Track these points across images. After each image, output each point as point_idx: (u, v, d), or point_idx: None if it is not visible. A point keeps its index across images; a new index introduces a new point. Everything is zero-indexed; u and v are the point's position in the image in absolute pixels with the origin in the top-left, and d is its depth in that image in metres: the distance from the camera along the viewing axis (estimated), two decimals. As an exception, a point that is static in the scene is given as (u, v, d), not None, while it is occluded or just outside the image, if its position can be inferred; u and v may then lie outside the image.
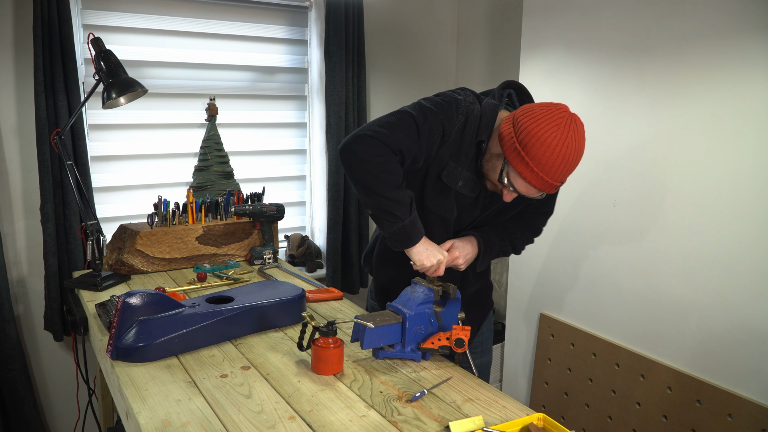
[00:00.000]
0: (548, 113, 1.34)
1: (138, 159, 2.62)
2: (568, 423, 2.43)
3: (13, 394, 2.31)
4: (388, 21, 3.06)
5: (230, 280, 2.08)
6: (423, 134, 1.41)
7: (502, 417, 1.23)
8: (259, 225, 2.35)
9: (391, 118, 1.42)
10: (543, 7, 2.40)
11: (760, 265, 1.77)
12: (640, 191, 2.08)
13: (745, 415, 1.82)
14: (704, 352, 1.94)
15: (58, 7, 2.18)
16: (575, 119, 1.35)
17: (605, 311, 2.27)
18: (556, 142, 1.31)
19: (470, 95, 1.49)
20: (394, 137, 1.39)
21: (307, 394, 1.30)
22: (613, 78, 2.14)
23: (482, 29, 3.13)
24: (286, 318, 1.69)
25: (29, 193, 2.36)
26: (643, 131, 2.06)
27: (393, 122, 1.41)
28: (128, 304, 1.44)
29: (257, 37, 2.80)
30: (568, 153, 1.32)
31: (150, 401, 1.25)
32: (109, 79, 1.97)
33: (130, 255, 2.12)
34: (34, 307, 2.44)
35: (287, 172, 3.01)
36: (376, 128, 1.40)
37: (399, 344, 1.45)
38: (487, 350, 1.83)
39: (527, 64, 2.49)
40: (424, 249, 1.46)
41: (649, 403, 2.12)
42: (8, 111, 2.30)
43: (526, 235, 1.69)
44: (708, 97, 1.85)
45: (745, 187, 1.78)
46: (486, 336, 1.83)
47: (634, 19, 2.05)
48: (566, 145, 1.32)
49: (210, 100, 2.69)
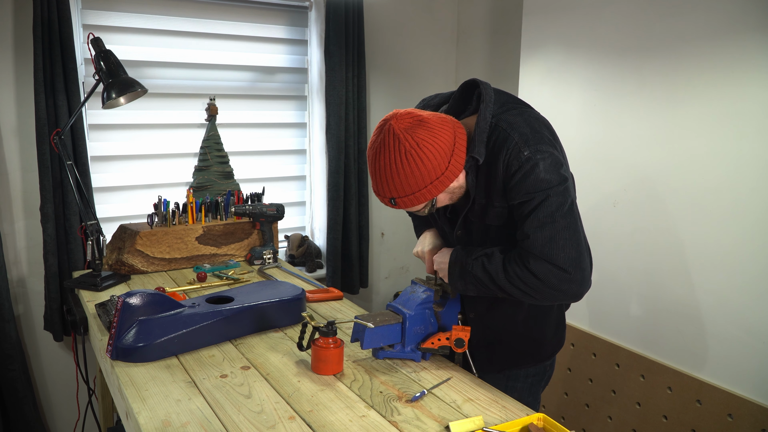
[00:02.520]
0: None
1: (138, 159, 2.62)
2: (568, 423, 2.43)
3: (13, 394, 2.31)
4: (388, 21, 3.06)
5: (230, 280, 2.08)
6: None
7: (502, 417, 1.23)
8: (259, 225, 2.35)
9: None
10: (543, 7, 2.40)
11: (759, 265, 1.77)
12: (640, 191, 2.08)
13: (745, 415, 1.82)
14: (704, 352, 1.94)
15: (58, 7, 2.18)
16: (386, 131, 1.23)
17: (605, 311, 2.27)
18: (369, 146, 1.29)
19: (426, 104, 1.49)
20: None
21: (307, 394, 1.30)
22: (613, 78, 2.14)
23: (482, 29, 3.13)
24: (286, 318, 1.69)
25: (29, 193, 2.36)
26: (643, 131, 2.06)
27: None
28: (128, 304, 1.44)
29: (257, 37, 2.80)
30: (372, 165, 1.27)
31: (150, 401, 1.25)
32: (109, 79, 1.97)
33: (130, 255, 2.12)
34: (34, 307, 2.44)
35: (287, 172, 3.00)
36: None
37: (399, 344, 1.45)
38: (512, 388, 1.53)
39: (527, 64, 2.49)
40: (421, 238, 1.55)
41: (649, 403, 2.12)
42: (8, 111, 2.30)
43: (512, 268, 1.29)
44: (708, 97, 1.85)
45: (745, 187, 1.78)
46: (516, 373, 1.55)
47: (634, 19, 2.05)
48: (369, 152, 1.28)
49: (210, 100, 2.69)
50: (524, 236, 1.27)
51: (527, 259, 1.26)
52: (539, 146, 1.27)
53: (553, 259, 1.24)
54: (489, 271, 1.31)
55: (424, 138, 1.22)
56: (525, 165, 1.25)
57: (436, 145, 1.23)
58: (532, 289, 1.28)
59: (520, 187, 1.26)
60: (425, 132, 1.22)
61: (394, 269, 3.34)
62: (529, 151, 1.26)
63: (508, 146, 1.27)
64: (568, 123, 2.31)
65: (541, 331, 1.52)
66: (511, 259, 1.29)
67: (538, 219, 1.25)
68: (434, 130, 1.23)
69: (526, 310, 1.47)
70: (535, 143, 1.27)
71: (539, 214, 1.25)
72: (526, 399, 1.54)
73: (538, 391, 1.60)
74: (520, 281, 1.28)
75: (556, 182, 1.26)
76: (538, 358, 1.54)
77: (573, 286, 1.27)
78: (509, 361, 1.53)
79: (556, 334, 1.56)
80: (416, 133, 1.22)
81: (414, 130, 1.22)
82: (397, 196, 1.26)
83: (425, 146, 1.22)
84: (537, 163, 1.25)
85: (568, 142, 2.30)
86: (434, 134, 1.23)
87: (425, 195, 1.26)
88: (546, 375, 1.60)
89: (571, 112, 2.31)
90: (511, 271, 1.28)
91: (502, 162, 1.27)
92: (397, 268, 3.34)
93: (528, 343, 1.51)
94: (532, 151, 1.26)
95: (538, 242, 1.25)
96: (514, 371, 1.54)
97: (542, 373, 1.58)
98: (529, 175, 1.25)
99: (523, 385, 1.56)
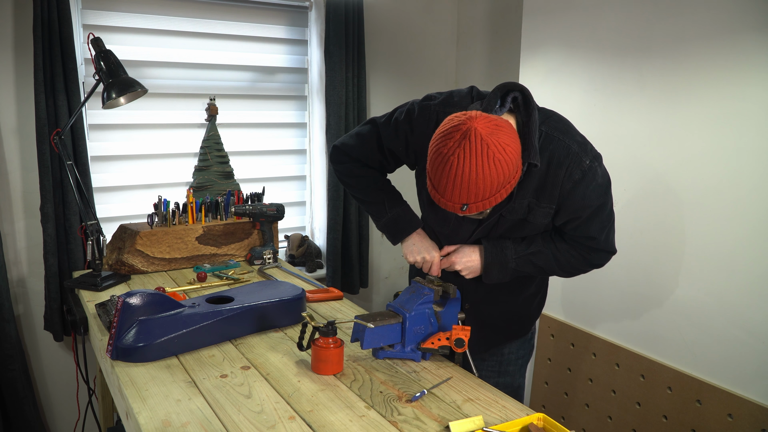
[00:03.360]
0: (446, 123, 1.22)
1: (138, 159, 2.62)
2: (568, 423, 2.43)
3: (13, 394, 2.31)
4: (388, 21, 3.06)
5: (230, 280, 2.08)
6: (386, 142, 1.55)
7: (502, 417, 1.23)
8: (259, 225, 2.35)
9: (362, 129, 1.60)
10: (543, 7, 2.40)
11: (759, 264, 1.77)
12: (640, 191, 2.08)
13: (745, 415, 1.82)
14: (704, 352, 1.94)
15: (58, 7, 2.18)
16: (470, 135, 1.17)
17: (605, 311, 2.27)
18: (442, 152, 1.20)
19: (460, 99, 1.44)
20: (355, 149, 1.60)
21: (307, 394, 1.30)
22: (613, 78, 2.14)
23: (482, 29, 3.13)
24: (286, 318, 1.69)
25: (29, 193, 2.36)
26: (643, 131, 2.06)
27: (361, 133, 1.60)
28: (128, 304, 1.44)
29: (257, 37, 2.80)
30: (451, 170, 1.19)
31: (150, 401, 1.25)
32: (109, 79, 1.97)
33: (130, 255, 2.12)
34: (34, 307, 2.44)
35: (287, 172, 3.01)
36: (345, 139, 1.63)
37: (399, 344, 1.45)
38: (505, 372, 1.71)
39: (527, 64, 2.49)
40: (411, 244, 1.57)
41: (649, 403, 2.12)
42: (8, 111, 2.30)
43: (566, 258, 1.48)
44: (708, 97, 1.86)
45: (745, 187, 1.78)
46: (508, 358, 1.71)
47: (634, 19, 2.05)
48: (448, 158, 1.18)
49: (210, 100, 2.69)
50: (589, 238, 1.46)
51: (590, 254, 1.49)
52: (593, 153, 1.40)
53: (611, 248, 1.51)
54: (539, 264, 1.49)
55: (507, 143, 1.20)
56: (588, 173, 1.37)
57: (514, 151, 1.21)
58: (577, 271, 1.53)
59: (582, 193, 1.38)
60: (506, 137, 1.20)
61: (394, 269, 3.34)
62: (589, 159, 1.38)
63: (570, 155, 1.37)
64: (568, 123, 2.31)
65: (528, 306, 1.67)
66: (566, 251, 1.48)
67: (601, 222, 1.44)
68: (512, 135, 1.22)
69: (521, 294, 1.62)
70: (590, 151, 1.40)
71: (602, 218, 1.44)
72: (517, 381, 1.73)
73: (525, 371, 1.78)
74: (570, 266, 1.50)
75: (606, 185, 1.42)
76: (524, 330, 1.70)
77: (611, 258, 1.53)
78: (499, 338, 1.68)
79: (538, 307, 1.71)
80: (500, 138, 1.19)
81: (498, 135, 1.19)
82: (473, 201, 1.23)
83: (510, 151, 1.20)
84: (596, 171, 1.38)
85: (568, 142, 2.31)
86: (513, 139, 1.22)
87: (497, 198, 1.24)
88: (531, 354, 1.79)
89: (571, 112, 2.29)
90: (565, 262, 1.49)
91: (565, 170, 1.37)
92: (397, 268, 3.34)
93: (517, 319, 1.67)
94: (590, 159, 1.38)
95: (602, 241, 1.46)
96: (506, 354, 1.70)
97: (530, 351, 1.77)
98: (591, 182, 1.38)
99: (514, 368, 1.72)
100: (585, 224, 1.43)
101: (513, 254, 1.48)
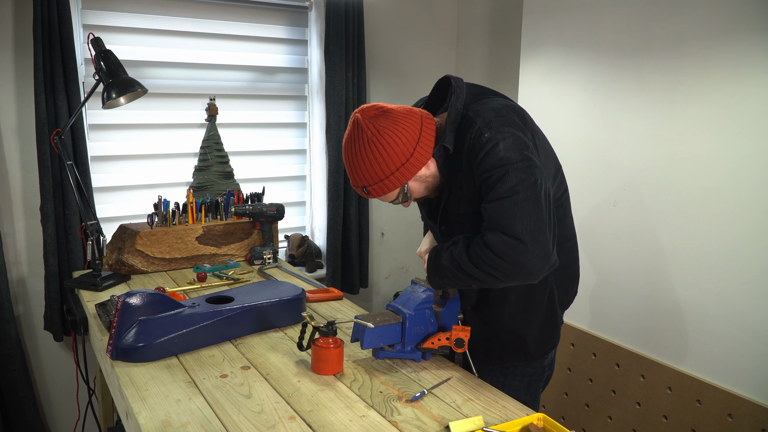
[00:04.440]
0: None
1: (138, 159, 2.62)
2: (568, 423, 2.43)
3: (13, 394, 2.31)
4: (388, 21, 3.06)
5: (230, 280, 2.08)
6: None
7: (502, 417, 1.23)
8: (259, 225, 2.35)
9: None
10: (543, 7, 2.40)
11: (759, 265, 1.77)
12: (640, 191, 2.08)
13: (745, 415, 1.82)
14: (704, 352, 1.94)
15: (58, 7, 2.18)
16: (353, 123, 1.33)
17: (605, 311, 2.27)
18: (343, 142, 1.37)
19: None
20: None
21: (307, 394, 1.30)
22: (613, 78, 2.14)
23: (482, 29, 3.13)
24: (286, 318, 1.69)
25: (29, 193, 2.36)
26: (643, 131, 2.06)
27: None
28: (128, 304, 1.44)
29: (257, 37, 2.80)
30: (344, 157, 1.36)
31: (150, 401, 1.25)
32: (109, 79, 1.97)
33: (130, 255, 2.12)
34: (34, 307, 2.44)
35: (287, 172, 3.01)
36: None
37: (399, 344, 1.45)
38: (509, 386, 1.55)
39: (527, 64, 2.49)
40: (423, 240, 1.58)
41: (649, 403, 2.12)
42: (8, 111, 2.30)
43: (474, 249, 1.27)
44: (708, 97, 1.85)
45: (745, 187, 1.78)
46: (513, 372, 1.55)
47: (634, 19, 2.05)
48: (342, 144, 1.37)
49: (210, 100, 2.69)
50: (484, 211, 1.27)
51: (485, 234, 1.25)
52: (501, 128, 1.27)
53: (509, 230, 1.21)
54: (455, 258, 1.31)
55: (386, 126, 1.29)
56: (486, 145, 1.26)
57: (398, 133, 1.29)
58: (493, 268, 1.25)
59: (481, 166, 1.27)
60: (387, 121, 1.30)
61: (394, 269, 3.34)
62: (490, 132, 1.27)
63: (471, 131, 1.29)
64: (568, 123, 2.31)
65: (526, 327, 1.49)
66: (473, 241, 1.29)
67: (497, 193, 1.24)
68: (397, 119, 1.31)
69: (512, 305, 1.46)
70: (497, 126, 1.28)
71: (499, 189, 1.24)
72: (523, 398, 1.53)
73: (536, 390, 1.59)
74: (482, 261, 1.26)
75: (516, 160, 1.25)
76: (527, 356, 1.52)
77: (531, 259, 1.21)
78: (500, 357, 1.53)
79: (544, 333, 1.52)
80: (378, 122, 1.30)
81: (377, 119, 1.30)
82: (367, 184, 1.34)
83: (386, 134, 1.29)
84: (497, 143, 1.26)
85: (568, 142, 2.31)
86: (396, 123, 1.30)
87: (393, 182, 1.33)
88: (544, 375, 1.59)
89: (571, 112, 2.31)
90: (473, 253, 1.27)
91: (466, 146, 1.30)
92: (397, 268, 3.34)
93: (513, 339, 1.50)
94: (492, 133, 1.27)
95: (495, 215, 1.24)
96: (511, 369, 1.54)
97: (539, 373, 1.57)
98: (490, 153, 1.26)
99: (519, 384, 1.55)
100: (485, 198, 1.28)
101: (444, 249, 1.36)
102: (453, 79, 1.40)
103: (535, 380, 1.57)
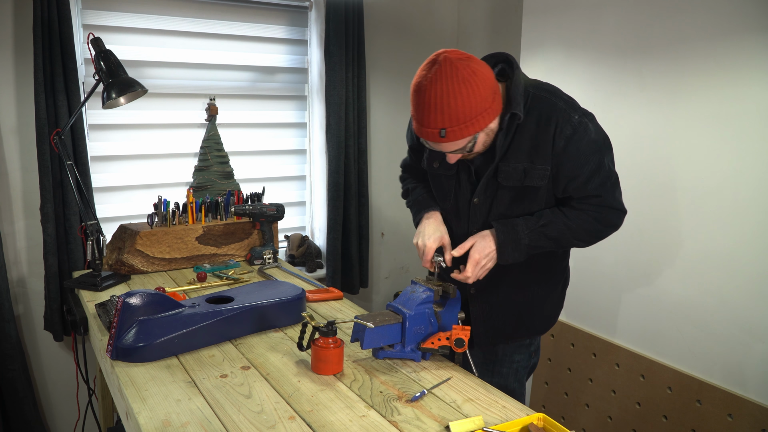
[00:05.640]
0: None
1: (138, 159, 2.62)
2: (568, 423, 2.43)
3: (13, 394, 2.31)
4: (388, 21, 3.06)
5: (230, 280, 2.08)
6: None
7: (502, 417, 1.23)
8: (259, 225, 2.35)
9: None
10: (543, 7, 2.40)
11: (759, 264, 1.77)
12: (640, 191, 2.08)
13: (745, 415, 1.82)
14: (704, 352, 1.94)
15: (58, 7, 2.18)
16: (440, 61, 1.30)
17: (605, 311, 2.27)
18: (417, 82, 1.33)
19: None
20: None
21: (307, 394, 1.30)
22: (613, 78, 2.14)
23: (482, 29, 3.13)
24: (286, 318, 1.69)
25: (29, 193, 2.36)
26: (643, 132, 2.06)
27: None
28: (128, 304, 1.44)
29: (257, 37, 2.80)
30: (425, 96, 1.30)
31: (150, 401, 1.25)
32: (109, 79, 1.97)
33: (130, 255, 2.12)
34: (34, 307, 2.44)
35: (287, 172, 3.00)
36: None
37: (399, 344, 1.45)
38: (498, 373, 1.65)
39: (527, 64, 2.49)
40: (421, 226, 1.55)
41: (649, 403, 2.12)
42: (8, 111, 2.30)
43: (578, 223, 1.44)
44: (708, 97, 1.86)
45: (745, 187, 1.78)
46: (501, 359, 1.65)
47: (634, 19, 2.05)
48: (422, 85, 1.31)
49: (210, 100, 2.69)
50: (593, 196, 1.42)
51: (603, 214, 1.43)
52: (583, 110, 1.39)
53: (618, 204, 1.46)
54: (552, 236, 1.44)
55: (477, 69, 1.30)
56: (579, 129, 1.36)
57: (485, 78, 1.31)
58: (594, 237, 1.47)
59: (575, 149, 1.37)
60: (476, 65, 1.31)
61: (394, 269, 3.34)
62: (578, 114, 1.37)
63: (558, 111, 1.37)
64: (568, 123, 2.31)
65: (542, 301, 1.60)
66: (576, 217, 1.43)
67: (601, 179, 1.40)
68: (482, 65, 1.33)
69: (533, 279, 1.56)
70: (579, 108, 1.39)
71: (602, 175, 1.40)
72: (512, 385, 1.63)
73: (523, 377, 1.67)
74: (584, 231, 1.45)
75: (603, 139, 1.40)
76: (532, 330, 1.63)
77: (623, 220, 1.49)
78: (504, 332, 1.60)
79: (554, 310, 1.65)
80: (470, 64, 1.30)
81: (468, 61, 1.30)
82: (450, 125, 1.30)
83: (480, 74, 1.30)
84: (587, 125, 1.37)
85: (568, 142, 2.31)
86: (483, 68, 1.32)
87: (475, 125, 1.31)
88: (531, 362, 1.68)
89: (571, 112, 2.31)
90: (577, 227, 1.43)
91: (554, 126, 1.37)
92: (397, 268, 3.34)
93: (525, 311, 1.59)
94: (580, 115, 1.37)
95: (609, 198, 1.43)
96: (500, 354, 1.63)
97: (527, 359, 1.66)
98: (583, 137, 1.37)
99: (508, 371, 1.64)
100: (585, 184, 1.41)
101: (525, 230, 1.43)
102: (511, 58, 1.44)
103: (522, 366, 1.67)
